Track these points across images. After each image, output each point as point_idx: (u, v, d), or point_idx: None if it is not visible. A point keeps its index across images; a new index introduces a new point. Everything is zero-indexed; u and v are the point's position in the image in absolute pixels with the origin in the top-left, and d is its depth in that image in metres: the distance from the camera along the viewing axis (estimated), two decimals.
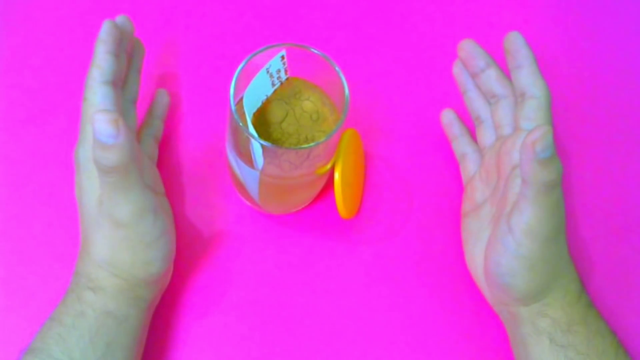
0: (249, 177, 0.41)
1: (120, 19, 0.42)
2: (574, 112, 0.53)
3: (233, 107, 0.37)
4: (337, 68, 0.39)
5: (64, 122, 0.49)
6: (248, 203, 0.47)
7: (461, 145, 0.47)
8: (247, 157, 0.39)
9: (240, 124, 0.36)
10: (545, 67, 0.55)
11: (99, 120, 0.33)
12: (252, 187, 0.42)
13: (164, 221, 0.39)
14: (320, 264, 0.46)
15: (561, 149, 0.52)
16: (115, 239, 0.37)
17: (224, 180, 0.48)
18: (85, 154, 0.39)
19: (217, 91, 0.52)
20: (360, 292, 0.46)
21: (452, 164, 0.50)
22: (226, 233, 0.47)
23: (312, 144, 0.39)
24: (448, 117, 0.49)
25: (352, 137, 0.44)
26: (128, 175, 0.35)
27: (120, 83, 0.42)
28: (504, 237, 0.38)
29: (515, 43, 0.41)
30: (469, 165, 0.46)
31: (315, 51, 0.39)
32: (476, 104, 0.46)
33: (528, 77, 0.40)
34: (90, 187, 0.38)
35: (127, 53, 0.43)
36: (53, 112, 0.49)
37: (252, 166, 0.39)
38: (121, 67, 0.41)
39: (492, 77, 0.44)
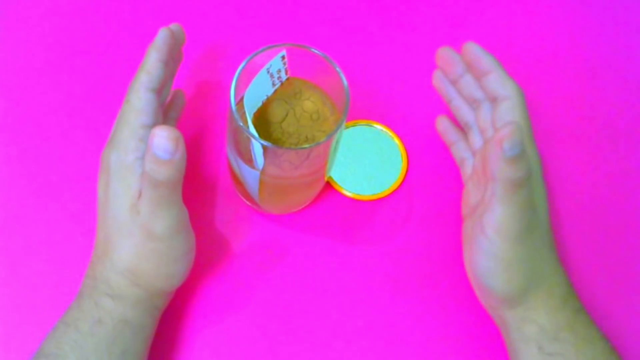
0: (249, 177, 0.41)
1: (175, 27, 0.42)
2: (573, 112, 0.53)
3: (233, 107, 0.37)
4: (337, 68, 0.39)
5: (65, 122, 0.49)
6: (248, 203, 0.47)
7: (459, 150, 0.47)
8: (247, 157, 0.39)
9: (241, 123, 0.36)
10: (543, 68, 0.55)
11: (159, 135, 0.33)
12: (252, 187, 0.42)
13: (193, 237, 0.39)
14: (320, 264, 0.46)
15: (557, 149, 0.52)
16: (145, 250, 0.37)
17: (224, 180, 0.48)
18: (120, 158, 0.38)
19: (218, 91, 0.52)
20: (360, 292, 0.46)
21: (452, 164, 0.50)
22: (226, 233, 0.47)
23: (312, 144, 0.39)
24: (443, 124, 0.49)
25: None
26: (174, 191, 0.36)
27: (162, 90, 0.42)
28: (478, 236, 0.38)
29: (473, 53, 0.42)
30: (467, 170, 0.46)
31: (316, 51, 0.39)
32: (462, 111, 0.46)
33: (495, 82, 0.41)
34: (123, 193, 0.37)
35: (173, 61, 0.43)
36: (54, 113, 0.49)
37: (253, 166, 0.39)
38: (167, 75, 0.41)
39: (470, 83, 0.44)
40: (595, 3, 0.58)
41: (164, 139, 0.33)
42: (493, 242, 0.37)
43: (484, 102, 0.43)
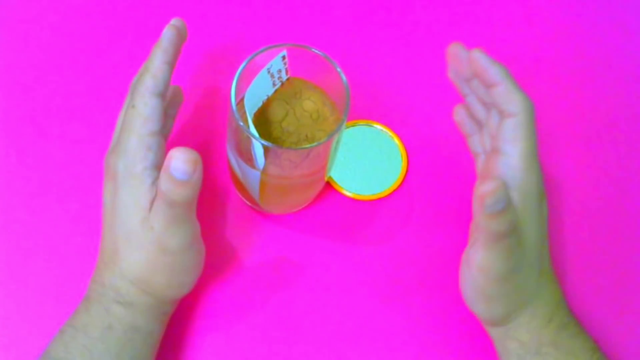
0: (250, 177, 0.41)
1: (178, 22, 0.41)
2: (573, 112, 0.53)
3: (234, 107, 0.37)
4: (338, 68, 0.39)
5: (66, 122, 0.49)
6: (248, 203, 0.47)
7: (474, 144, 0.45)
8: (247, 157, 0.39)
9: (241, 123, 0.36)
10: (543, 68, 0.55)
11: (177, 158, 0.32)
12: (253, 186, 0.42)
13: (203, 248, 0.40)
14: (320, 264, 0.46)
15: (557, 149, 0.52)
16: (157, 262, 0.37)
17: (224, 181, 0.48)
18: (127, 167, 0.37)
19: (218, 91, 0.52)
20: (360, 292, 0.46)
21: (452, 164, 0.50)
22: (226, 233, 0.47)
23: (313, 143, 0.39)
24: (460, 114, 0.45)
25: None
26: (189, 209, 0.35)
27: (166, 91, 0.40)
28: (464, 266, 0.38)
29: (480, 63, 0.38)
30: (481, 165, 0.44)
31: (316, 51, 0.39)
32: (476, 108, 0.43)
33: (502, 96, 0.38)
34: (133, 204, 0.36)
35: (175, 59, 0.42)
36: (54, 113, 0.49)
37: (253, 166, 0.39)
38: (171, 75, 0.40)
39: (480, 86, 0.41)
40: (595, 3, 0.58)
41: (182, 161, 0.32)
42: (476, 278, 0.37)
43: (493, 108, 0.41)
